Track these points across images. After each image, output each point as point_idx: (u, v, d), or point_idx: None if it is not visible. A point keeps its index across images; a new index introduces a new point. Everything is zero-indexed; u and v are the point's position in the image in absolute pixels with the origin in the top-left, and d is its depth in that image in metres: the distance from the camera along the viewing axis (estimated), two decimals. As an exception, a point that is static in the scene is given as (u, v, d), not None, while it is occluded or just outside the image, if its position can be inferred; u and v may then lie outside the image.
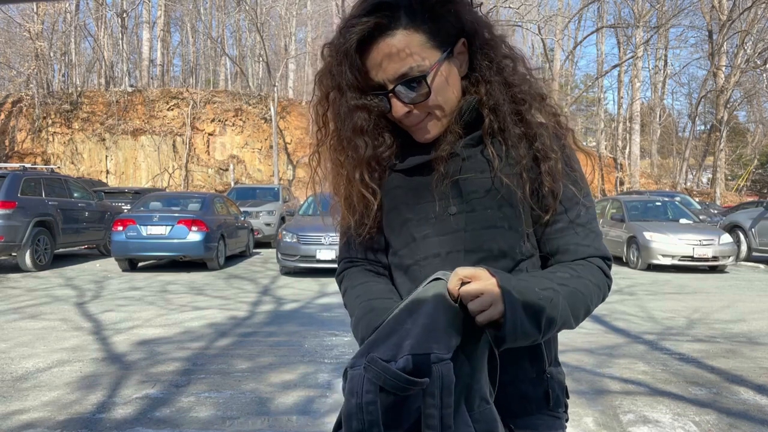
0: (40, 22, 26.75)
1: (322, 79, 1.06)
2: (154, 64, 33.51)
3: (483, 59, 1.04)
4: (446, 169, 1.03)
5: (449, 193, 1.04)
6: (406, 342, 0.83)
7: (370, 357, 0.82)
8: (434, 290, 0.89)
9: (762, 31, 26.44)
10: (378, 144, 1.06)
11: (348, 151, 1.06)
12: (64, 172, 18.69)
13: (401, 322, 0.87)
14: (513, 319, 0.87)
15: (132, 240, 9.99)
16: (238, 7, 31.59)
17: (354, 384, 0.82)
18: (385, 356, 0.82)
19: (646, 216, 12.15)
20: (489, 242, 1.02)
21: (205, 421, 3.44)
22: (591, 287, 1.01)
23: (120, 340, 5.40)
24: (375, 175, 1.08)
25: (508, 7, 25.35)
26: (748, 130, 38.56)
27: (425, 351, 0.81)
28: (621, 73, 33.11)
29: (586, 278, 1.01)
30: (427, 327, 0.84)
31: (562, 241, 1.05)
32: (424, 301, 0.88)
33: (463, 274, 0.88)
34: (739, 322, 6.47)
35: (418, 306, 0.88)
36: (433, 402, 0.80)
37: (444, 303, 0.87)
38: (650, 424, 3.47)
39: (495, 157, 1.02)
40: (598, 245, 1.06)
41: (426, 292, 0.89)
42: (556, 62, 28.81)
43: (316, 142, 1.12)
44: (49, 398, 3.82)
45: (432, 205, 1.05)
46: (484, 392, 0.88)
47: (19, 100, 25.69)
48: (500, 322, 0.88)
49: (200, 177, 25.86)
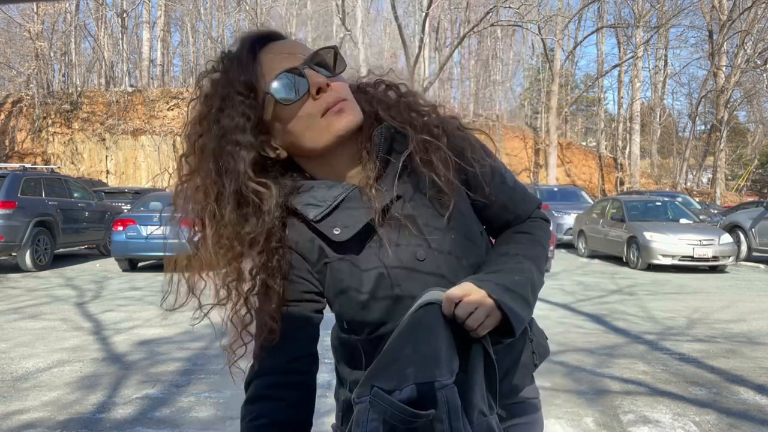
0: (40, 22, 26.75)
1: (197, 106, 0.97)
2: (154, 64, 33.51)
3: (365, 88, 1.02)
4: (393, 214, 0.96)
5: (411, 238, 0.97)
6: (408, 370, 0.83)
7: (375, 392, 0.82)
8: (429, 316, 0.88)
9: (762, 31, 26.44)
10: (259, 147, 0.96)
11: (231, 164, 0.93)
12: (64, 172, 18.68)
13: (400, 349, 0.86)
14: (515, 320, 0.90)
15: (132, 240, 9.98)
16: (238, 7, 31.59)
17: (360, 416, 0.83)
18: (388, 386, 0.82)
19: (646, 216, 12.15)
20: (465, 264, 1.00)
21: (205, 421, 3.44)
22: (543, 239, 1.08)
23: (120, 340, 5.40)
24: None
25: (508, 7, 25.31)
26: (748, 130, 38.55)
27: (429, 379, 0.81)
28: (621, 73, 33.12)
29: (536, 233, 1.07)
30: (428, 354, 0.84)
31: (506, 215, 1.07)
32: (420, 326, 0.87)
33: (455, 295, 0.87)
34: (739, 322, 6.47)
35: (416, 332, 0.87)
36: (443, 427, 0.80)
37: (442, 328, 0.87)
38: (650, 424, 3.47)
39: (430, 181, 0.97)
40: (529, 200, 1.10)
41: (421, 318, 0.88)
42: (556, 62, 28.80)
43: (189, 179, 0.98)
44: (49, 398, 3.82)
45: (398, 259, 0.96)
46: (482, 406, 0.88)
47: (19, 100, 25.70)
48: (501, 327, 0.90)
49: (200, 177, 25.85)
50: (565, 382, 4.25)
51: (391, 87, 1.03)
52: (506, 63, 38.13)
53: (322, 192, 0.96)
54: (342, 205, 0.95)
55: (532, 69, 39.61)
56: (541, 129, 32.90)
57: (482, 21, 24.95)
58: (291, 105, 0.92)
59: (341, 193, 0.95)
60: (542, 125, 32.86)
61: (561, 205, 15.32)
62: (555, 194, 16.72)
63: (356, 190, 0.96)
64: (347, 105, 0.94)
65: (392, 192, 0.95)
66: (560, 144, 29.45)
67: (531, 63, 40.00)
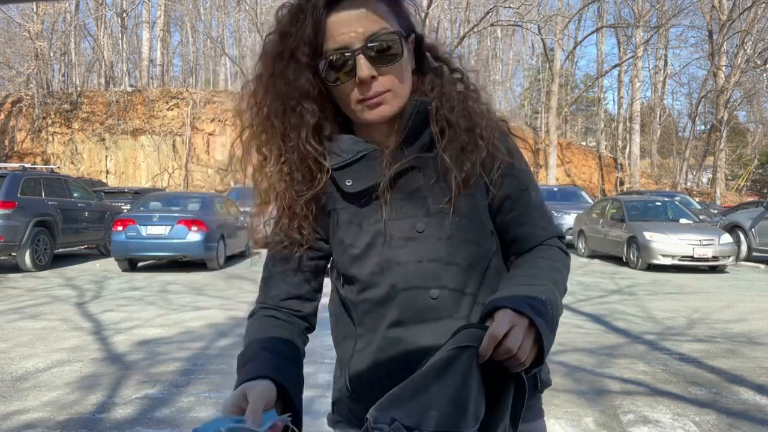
0: (40, 22, 26.74)
1: (269, 45, 0.98)
2: (154, 64, 33.51)
3: (429, 58, 1.04)
4: (406, 181, 0.99)
5: (415, 208, 0.99)
6: (432, 413, 0.80)
7: (395, 426, 0.80)
8: (465, 360, 0.84)
9: (762, 31, 26.45)
10: (323, 116, 1.00)
11: (290, 118, 0.98)
12: (64, 172, 18.67)
13: (428, 384, 0.83)
14: (548, 348, 0.87)
15: (132, 240, 9.98)
16: (238, 7, 31.59)
17: None
18: (408, 422, 0.80)
19: (646, 216, 12.15)
20: (464, 251, 0.99)
21: (205, 421, 3.44)
22: (563, 269, 1.04)
23: (120, 340, 5.40)
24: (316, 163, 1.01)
25: (508, 7, 25.34)
26: (748, 130, 38.56)
27: (452, 429, 0.80)
28: (621, 73, 33.12)
29: (557, 262, 1.03)
30: (456, 401, 0.81)
31: (521, 230, 1.05)
32: (453, 368, 0.84)
33: (498, 333, 0.83)
34: (739, 322, 6.47)
35: (447, 373, 0.84)
36: None
37: (475, 373, 0.84)
38: (650, 424, 3.47)
39: (452, 160, 0.98)
40: (552, 226, 1.08)
41: (455, 359, 0.84)
42: (556, 62, 28.78)
43: (248, 122, 1.03)
44: (49, 398, 3.82)
45: (398, 225, 0.98)
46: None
47: (19, 100, 25.70)
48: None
49: (200, 177, 25.86)
50: (565, 382, 4.25)
51: (463, 80, 1.05)
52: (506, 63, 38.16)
53: (347, 144, 1.00)
54: (360, 161, 0.99)
55: (532, 69, 39.63)
56: (541, 129, 32.90)
57: (482, 21, 24.97)
58: (333, 84, 0.97)
59: (363, 150, 1.00)
60: (542, 125, 32.86)
61: (561, 205, 15.32)
62: (555, 194, 16.72)
63: (377, 150, 0.99)
64: (386, 97, 0.96)
65: (409, 162, 0.98)
66: (560, 144, 29.44)
67: (531, 63, 40.05)
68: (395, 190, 0.99)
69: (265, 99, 0.99)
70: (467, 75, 1.05)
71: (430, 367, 0.85)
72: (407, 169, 0.99)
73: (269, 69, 0.98)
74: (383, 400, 0.85)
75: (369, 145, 1.00)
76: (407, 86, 0.99)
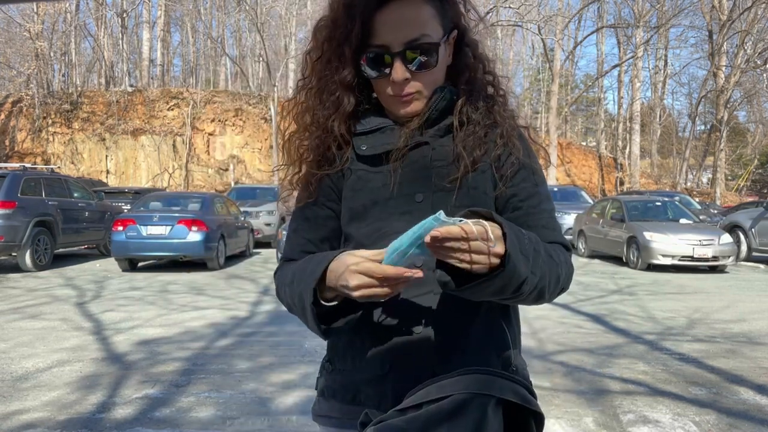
0: (40, 22, 26.75)
1: (322, 28, 1.06)
2: (154, 64, 33.51)
3: (468, 54, 1.10)
4: (416, 156, 1.05)
5: (418, 181, 1.05)
6: None
7: None
8: (476, 408, 0.84)
9: (762, 31, 26.44)
10: (357, 103, 1.08)
11: (327, 104, 1.07)
12: (64, 172, 18.67)
13: (436, 422, 0.84)
14: (517, 263, 0.84)
15: (132, 240, 9.99)
16: (238, 7, 31.58)
17: None
18: None
19: (646, 216, 12.15)
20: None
21: (205, 421, 3.44)
22: (561, 262, 1.00)
23: (120, 340, 5.40)
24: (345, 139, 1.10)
25: (508, 7, 25.34)
26: (748, 130, 38.57)
27: None
28: (621, 73, 33.11)
29: (557, 253, 1.00)
30: None
31: (528, 226, 1.03)
32: (467, 412, 0.84)
33: (468, 227, 0.82)
34: (739, 322, 6.47)
35: (458, 415, 0.84)
36: None
37: (488, 423, 0.84)
38: (650, 424, 3.47)
39: (464, 148, 1.04)
40: (560, 234, 1.08)
41: (467, 406, 0.84)
42: (556, 62, 28.77)
43: (300, 88, 1.11)
44: (49, 398, 3.82)
45: (400, 194, 1.04)
46: None
47: (19, 100, 25.68)
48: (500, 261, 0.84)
49: (200, 177, 25.86)
50: (565, 382, 4.25)
51: (494, 83, 1.13)
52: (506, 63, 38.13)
53: (372, 118, 1.10)
54: (379, 131, 1.08)
55: (532, 69, 39.63)
56: (541, 129, 32.89)
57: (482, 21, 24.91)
58: (371, 77, 1.05)
59: (383, 124, 1.09)
60: (542, 125, 32.86)
61: (561, 205, 15.32)
62: (555, 194, 16.64)
63: (398, 126, 1.08)
64: (416, 97, 1.05)
65: (424, 139, 1.06)
66: (560, 144, 29.44)
67: (531, 63, 40.03)
68: (405, 162, 1.05)
69: (311, 77, 1.09)
70: (499, 79, 1.13)
71: (439, 409, 0.85)
72: (420, 146, 1.06)
73: (317, 51, 1.07)
74: (389, 421, 0.85)
75: (389, 120, 1.09)
76: (438, 83, 1.06)
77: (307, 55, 1.10)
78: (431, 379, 0.89)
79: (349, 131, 1.08)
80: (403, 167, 1.04)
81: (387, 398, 0.98)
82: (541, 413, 0.87)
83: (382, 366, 1.01)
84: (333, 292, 0.94)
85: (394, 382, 0.99)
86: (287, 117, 1.13)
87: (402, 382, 0.96)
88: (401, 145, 1.04)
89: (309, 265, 0.99)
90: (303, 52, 1.12)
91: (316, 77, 1.08)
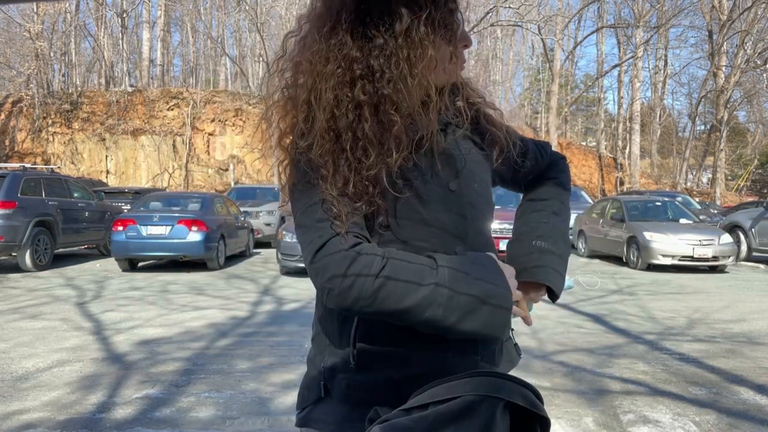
0: (40, 22, 26.73)
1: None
2: (154, 64, 33.51)
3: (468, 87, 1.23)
4: (447, 145, 1.10)
5: (448, 170, 1.09)
6: None
7: None
8: (485, 410, 0.84)
9: (762, 31, 26.43)
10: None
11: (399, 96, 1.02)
12: (64, 172, 18.68)
13: (443, 423, 0.84)
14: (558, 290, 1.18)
15: (132, 240, 9.99)
16: (238, 7, 31.57)
17: None
18: None
19: (646, 216, 12.15)
20: (481, 217, 1.12)
21: (205, 421, 3.44)
22: (566, 181, 1.30)
23: (120, 340, 5.40)
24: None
25: (508, 7, 25.33)
26: (748, 130, 38.55)
27: None
28: (621, 73, 33.09)
29: (561, 177, 1.29)
30: None
31: (537, 174, 1.29)
32: (474, 414, 0.84)
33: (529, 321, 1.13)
34: (739, 322, 6.47)
35: (466, 417, 0.84)
36: None
37: (496, 427, 0.84)
38: (650, 424, 3.47)
39: (476, 141, 1.16)
40: (550, 151, 1.31)
41: (476, 404, 0.85)
42: (556, 62, 28.79)
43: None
44: (49, 398, 3.82)
45: (435, 180, 1.07)
46: None
47: (19, 100, 25.68)
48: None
49: (200, 177, 25.85)
50: (565, 382, 4.25)
51: (489, 104, 1.25)
52: (506, 63, 38.16)
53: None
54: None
55: (532, 69, 39.65)
56: (541, 129, 32.90)
57: (482, 21, 24.95)
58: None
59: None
60: (542, 125, 32.87)
61: (561, 205, 15.28)
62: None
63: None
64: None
65: (447, 122, 1.13)
66: (560, 144, 29.43)
67: (531, 63, 40.06)
68: (441, 149, 1.09)
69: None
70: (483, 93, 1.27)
71: (448, 410, 0.85)
72: (434, 130, 1.07)
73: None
74: (394, 421, 0.85)
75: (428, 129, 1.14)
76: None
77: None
78: (438, 380, 0.89)
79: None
80: (437, 156, 1.07)
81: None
82: (547, 418, 0.87)
83: (420, 367, 1.01)
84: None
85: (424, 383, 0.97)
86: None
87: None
88: (432, 130, 1.06)
89: (474, 266, 0.99)
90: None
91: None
